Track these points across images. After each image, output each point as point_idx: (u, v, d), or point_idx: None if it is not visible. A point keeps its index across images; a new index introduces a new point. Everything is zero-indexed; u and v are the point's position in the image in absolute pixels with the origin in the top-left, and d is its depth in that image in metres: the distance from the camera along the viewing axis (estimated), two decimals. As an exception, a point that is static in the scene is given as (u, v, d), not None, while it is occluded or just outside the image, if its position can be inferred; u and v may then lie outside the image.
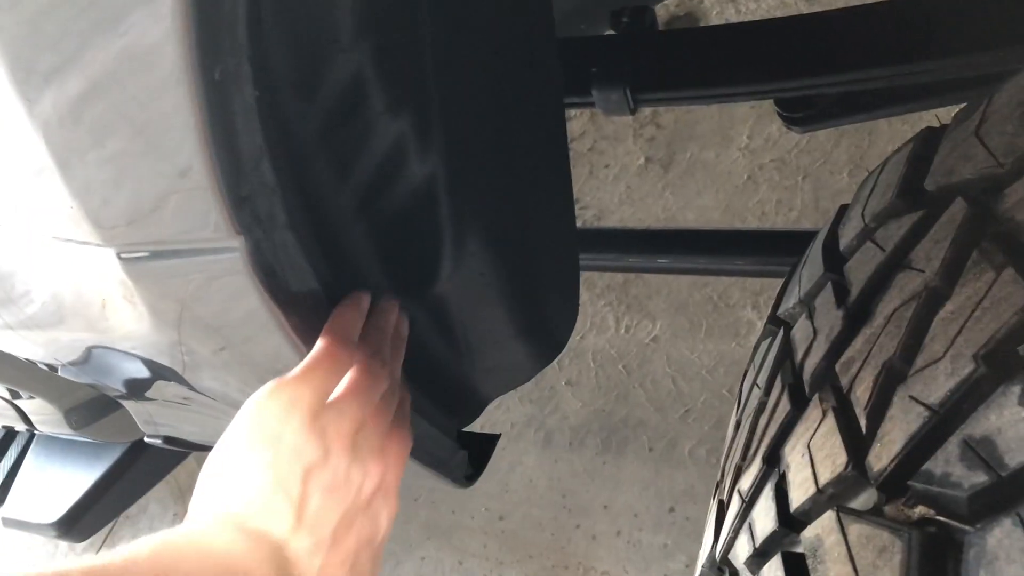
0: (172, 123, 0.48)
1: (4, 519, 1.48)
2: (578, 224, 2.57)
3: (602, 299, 2.43)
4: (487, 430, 2.21)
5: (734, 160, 2.47)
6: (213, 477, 0.60)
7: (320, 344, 0.65)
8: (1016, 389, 0.49)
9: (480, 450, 1.00)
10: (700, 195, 2.47)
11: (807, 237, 0.91)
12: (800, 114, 1.24)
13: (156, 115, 0.48)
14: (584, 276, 2.53)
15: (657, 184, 2.54)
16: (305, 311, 0.67)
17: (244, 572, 0.54)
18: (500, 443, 2.04)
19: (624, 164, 2.62)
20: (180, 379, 0.87)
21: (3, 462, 1.53)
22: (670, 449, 2.10)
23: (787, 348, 0.78)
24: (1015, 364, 0.50)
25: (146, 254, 0.61)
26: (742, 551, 0.69)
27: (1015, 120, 0.60)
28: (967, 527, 0.49)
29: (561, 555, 2.07)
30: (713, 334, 2.23)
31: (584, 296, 2.44)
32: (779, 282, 0.97)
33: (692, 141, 2.56)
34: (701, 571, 0.80)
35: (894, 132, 2.30)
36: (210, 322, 0.71)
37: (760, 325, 2.18)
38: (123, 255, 0.62)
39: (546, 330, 1.00)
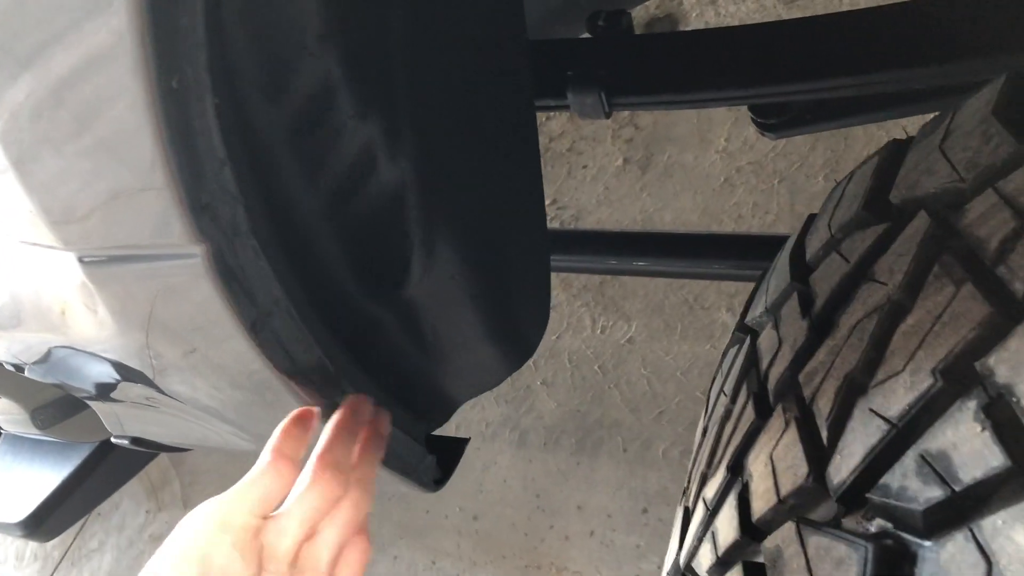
0: (131, 131, 0.48)
1: (-30, 518, 1.47)
2: (556, 224, 2.58)
3: (578, 299, 2.43)
4: (461, 430, 2.22)
5: (711, 163, 2.48)
6: None
7: (264, 458, 0.65)
8: (972, 404, 0.49)
9: (449, 454, 1.00)
10: (677, 197, 2.47)
11: (780, 242, 0.92)
12: (774, 120, 1.24)
13: (115, 123, 0.48)
14: (560, 277, 2.53)
15: (635, 185, 2.55)
16: (268, 318, 0.66)
17: None
18: (474, 443, 2.04)
19: (602, 165, 2.62)
20: (148, 382, 0.86)
21: (-31, 461, 1.52)
22: (644, 450, 2.11)
23: (753, 356, 0.78)
24: (972, 379, 0.51)
25: (107, 258, 0.61)
26: (705, 559, 0.70)
27: (978, 135, 0.61)
28: (922, 541, 0.49)
29: (534, 555, 2.07)
30: (688, 336, 2.24)
31: (560, 296, 2.45)
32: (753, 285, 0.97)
33: (670, 143, 2.56)
34: (666, 577, 0.80)
35: (870, 137, 2.32)
36: (176, 327, 0.70)
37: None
38: (85, 259, 0.61)
39: (517, 333, 1.00)
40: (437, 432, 1.04)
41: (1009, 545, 0.44)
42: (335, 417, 0.71)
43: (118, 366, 0.84)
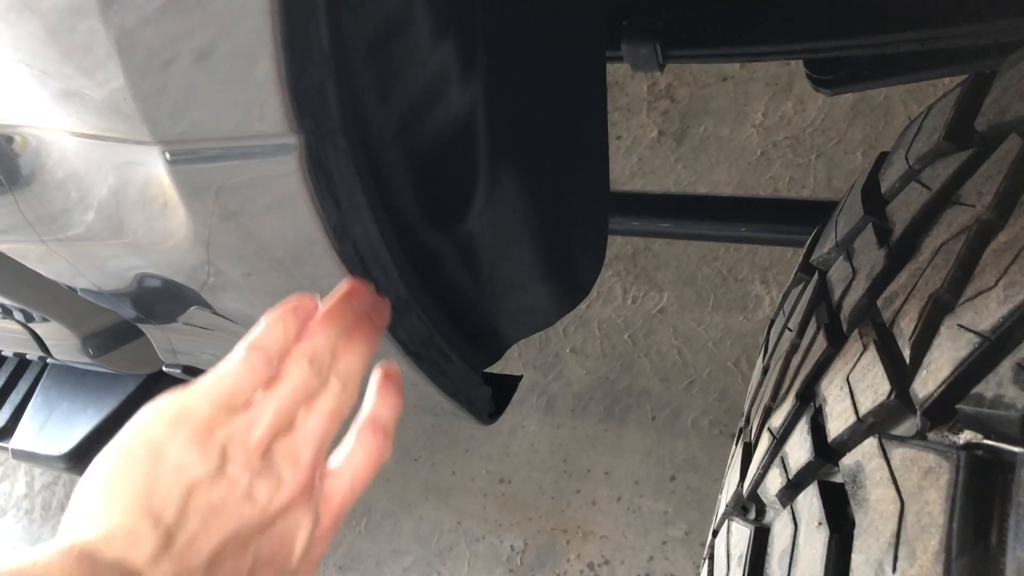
0: (244, 9, 0.48)
1: (13, 451, 1.48)
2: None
3: (610, 269, 2.43)
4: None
5: (748, 136, 2.47)
6: (79, 498, 0.54)
7: (237, 351, 0.59)
8: (1074, 312, 0.49)
9: (502, 390, 1.00)
10: (712, 170, 2.46)
11: (827, 207, 0.90)
12: (830, 76, 1.23)
13: (229, 3, 0.48)
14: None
15: (670, 157, 2.54)
16: (350, 225, 0.66)
17: None
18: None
19: (637, 136, 2.62)
20: (205, 303, 0.87)
21: (13, 394, 1.53)
22: (673, 419, 2.11)
23: (822, 290, 0.78)
24: (1073, 289, 0.50)
25: (197, 155, 0.61)
26: (773, 484, 0.70)
27: (1074, 57, 0.60)
28: (1018, 448, 0.49)
29: (560, 519, 2.08)
30: (721, 307, 2.23)
31: (592, 265, 2.44)
32: (790, 259, 0.97)
33: (706, 116, 2.55)
34: (724, 510, 0.80)
35: (910, 113, 2.30)
36: (249, 239, 0.70)
37: (768, 300, 2.19)
38: (169, 155, 0.61)
39: (572, 273, 1.00)
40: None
41: (1116, 442, 0.44)
42: (323, 306, 0.64)
43: (177, 285, 0.84)
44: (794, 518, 0.64)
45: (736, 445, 0.87)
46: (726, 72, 2.58)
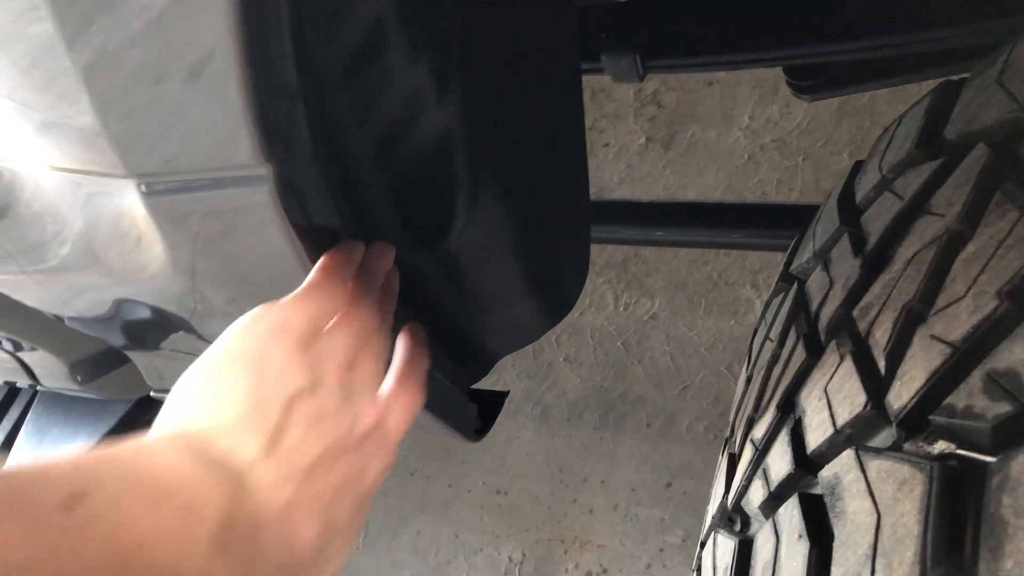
0: (207, 40, 0.48)
1: (6, 479, 1.46)
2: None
3: (601, 276, 2.43)
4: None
5: (735, 140, 2.47)
6: (179, 395, 0.55)
7: (314, 275, 0.62)
8: (1040, 322, 0.50)
9: (489, 406, 1.00)
10: (701, 174, 2.47)
11: (811, 211, 0.91)
12: (809, 82, 1.24)
13: (191, 34, 0.48)
14: (583, 254, 2.53)
15: (658, 163, 2.54)
16: (325, 250, 0.67)
17: (186, 498, 0.46)
18: (498, 418, 2.04)
19: (624, 143, 2.62)
20: (192, 330, 0.87)
21: (4, 421, 1.53)
22: (668, 425, 2.11)
23: (801, 300, 0.78)
24: (1039, 298, 0.51)
25: (169, 187, 0.61)
26: (756, 496, 0.70)
27: (1038, 66, 0.61)
28: (989, 458, 0.49)
29: (558, 529, 2.08)
30: (712, 312, 2.24)
31: (583, 273, 2.44)
32: (780, 262, 0.97)
33: (693, 121, 2.56)
34: (711, 522, 0.80)
35: (895, 113, 2.31)
36: (229, 267, 0.71)
37: (759, 303, 2.19)
38: (144, 188, 0.62)
39: (557, 286, 1.00)
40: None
41: (1083, 452, 0.44)
42: (367, 257, 0.70)
43: (163, 312, 0.85)
44: (776, 530, 0.64)
45: (722, 455, 0.87)
46: (712, 76, 2.59)
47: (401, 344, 0.73)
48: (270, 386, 0.54)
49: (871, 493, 0.55)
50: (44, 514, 0.40)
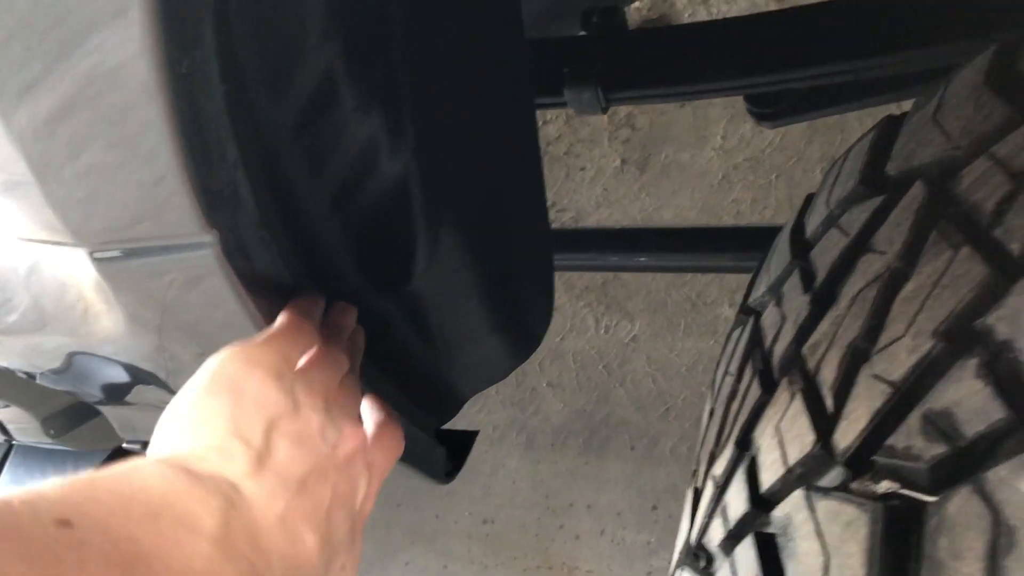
0: (141, 116, 0.49)
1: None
2: (556, 226, 2.59)
3: (581, 300, 2.44)
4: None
5: (709, 160, 2.49)
6: (164, 427, 0.56)
7: (282, 317, 0.64)
8: (973, 362, 0.50)
9: (459, 446, 1.01)
10: (676, 195, 2.49)
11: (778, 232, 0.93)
12: (769, 109, 1.25)
13: (126, 109, 0.49)
14: (563, 278, 2.55)
15: (633, 185, 2.56)
16: (278, 309, 0.67)
17: (180, 511, 0.47)
18: (482, 446, 2.04)
19: (600, 166, 2.64)
20: (162, 383, 0.87)
21: (-19, 475, 1.52)
22: (652, 447, 2.12)
23: (757, 335, 0.79)
24: (972, 338, 0.52)
25: (119, 253, 0.61)
26: (716, 535, 0.70)
27: (970, 104, 0.62)
28: (928, 497, 0.50)
29: (545, 556, 2.07)
30: (692, 332, 2.24)
31: (564, 298, 2.46)
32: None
33: (667, 142, 2.58)
34: (678, 559, 0.81)
35: (864, 129, 2.33)
36: (189, 325, 0.71)
37: (738, 322, 2.20)
38: (96, 255, 0.62)
39: (522, 325, 1.01)
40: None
41: (1014, 495, 0.45)
42: (331, 312, 0.73)
43: (132, 368, 0.85)
44: (733, 570, 0.65)
45: (689, 489, 0.88)
46: (684, 98, 2.61)
47: (371, 398, 0.76)
48: (249, 411, 0.56)
49: (819, 534, 0.56)
50: (41, 531, 0.41)
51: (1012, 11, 0.94)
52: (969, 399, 0.50)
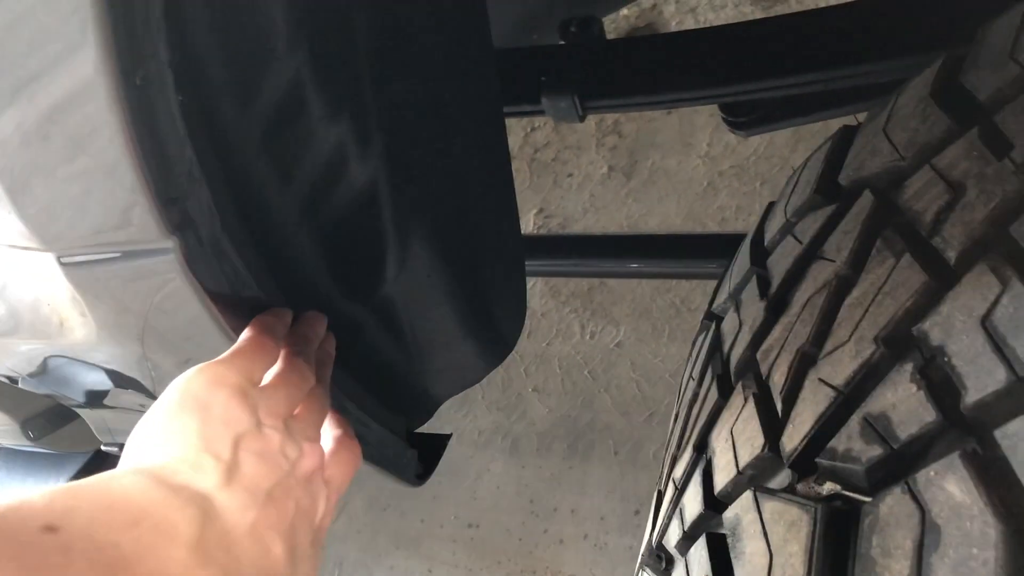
0: (98, 127, 0.50)
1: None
2: (543, 232, 2.60)
3: (567, 306, 2.45)
4: (453, 438, 2.23)
5: (694, 167, 2.51)
6: (135, 440, 0.58)
7: (245, 334, 0.66)
8: (909, 367, 0.52)
9: (431, 449, 1.02)
10: (662, 202, 2.50)
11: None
12: (744, 118, 1.27)
13: (83, 120, 0.50)
14: (549, 284, 2.56)
15: (620, 192, 2.57)
16: (245, 315, 0.68)
17: (158, 519, 0.50)
18: (467, 451, 2.05)
19: (588, 173, 2.65)
20: (144, 390, 0.88)
21: (-36, 477, 1.53)
22: (635, 452, 2.13)
23: (717, 340, 0.81)
24: (909, 344, 0.53)
25: (86, 259, 0.63)
26: (673, 535, 0.72)
27: (916, 116, 0.63)
28: (864, 498, 0.52)
29: (529, 560, 2.08)
30: (676, 338, 2.26)
31: (549, 303, 2.47)
32: None
33: (653, 149, 2.60)
34: (641, 560, 0.82)
35: (849, 137, 2.35)
36: (162, 332, 0.72)
37: (721, 328, 2.21)
38: (63, 260, 0.63)
39: (494, 330, 1.02)
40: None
41: (940, 494, 0.46)
42: (300, 322, 0.75)
43: (108, 372, 0.86)
44: (687, 570, 0.66)
45: (655, 493, 0.89)
46: (670, 105, 2.63)
47: (331, 413, 0.77)
48: (217, 427, 0.58)
49: (765, 534, 0.57)
50: (28, 536, 0.44)
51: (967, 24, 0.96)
52: (904, 403, 0.51)
